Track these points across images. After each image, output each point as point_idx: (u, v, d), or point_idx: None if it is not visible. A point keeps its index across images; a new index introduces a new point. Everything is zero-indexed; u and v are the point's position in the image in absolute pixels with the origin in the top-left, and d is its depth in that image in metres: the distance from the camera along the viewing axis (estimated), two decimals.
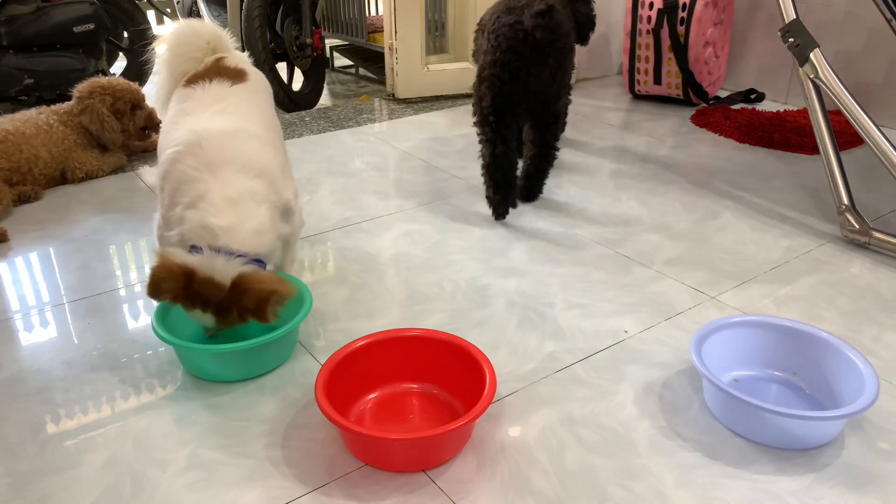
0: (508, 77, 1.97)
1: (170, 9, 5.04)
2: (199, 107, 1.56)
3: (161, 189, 1.48)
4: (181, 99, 1.62)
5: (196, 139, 1.44)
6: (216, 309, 1.35)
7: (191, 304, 1.35)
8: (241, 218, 1.38)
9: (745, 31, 3.44)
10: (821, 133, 2.10)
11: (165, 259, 1.32)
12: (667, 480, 1.20)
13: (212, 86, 1.61)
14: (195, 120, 1.51)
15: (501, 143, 2.03)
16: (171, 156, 1.45)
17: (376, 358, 1.39)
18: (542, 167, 2.22)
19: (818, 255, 1.96)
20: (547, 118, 2.12)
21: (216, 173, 1.41)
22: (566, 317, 1.67)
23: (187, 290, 1.33)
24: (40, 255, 1.99)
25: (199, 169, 1.41)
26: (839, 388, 1.36)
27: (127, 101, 2.55)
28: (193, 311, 1.37)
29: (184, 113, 1.56)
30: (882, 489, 1.19)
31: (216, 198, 1.38)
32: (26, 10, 3.10)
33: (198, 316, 1.37)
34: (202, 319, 1.38)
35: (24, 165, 2.31)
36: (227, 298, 1.34)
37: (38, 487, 1.20)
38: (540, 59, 1.96)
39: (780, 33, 2.18)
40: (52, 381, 1.47)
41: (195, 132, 1.46)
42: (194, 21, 1.75)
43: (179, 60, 1.72)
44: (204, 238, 1.36)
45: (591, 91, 3.60)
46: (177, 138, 1.47)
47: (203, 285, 1.32)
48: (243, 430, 1.32)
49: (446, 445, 1.23)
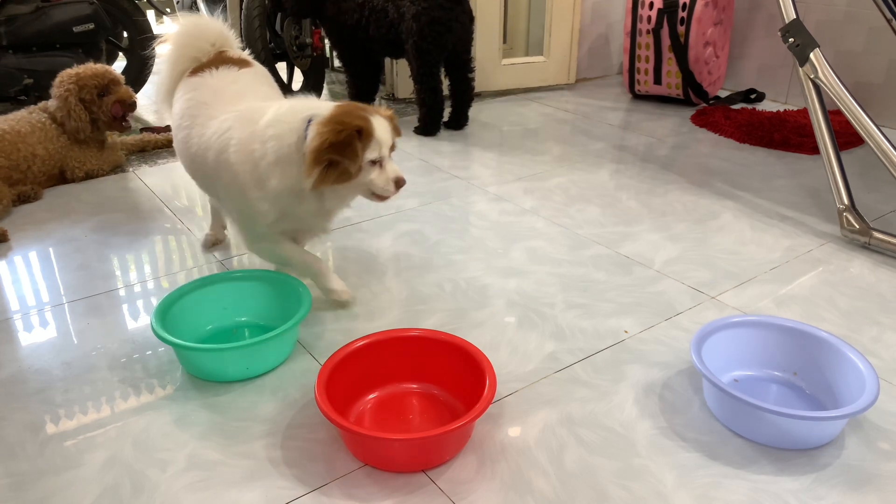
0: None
1: (169, 9, 5.05)
2: (214, 95, 1.61)
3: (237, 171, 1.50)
4: (191, 87, 1.65)
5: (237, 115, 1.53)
6: (371, 111, 1.48)
7: (363, 117, 1.43)
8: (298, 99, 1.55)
9: (745, 31, 3.44)
10: (821, 133, 2.10)
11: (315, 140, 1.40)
12: (667, 480, 1.20)
13: (219, 73, 1.65)
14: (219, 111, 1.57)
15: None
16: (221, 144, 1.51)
17: (376, 358, 1.39)
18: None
19: (818, 255, 1.95)
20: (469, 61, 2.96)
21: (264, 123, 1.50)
22: (566, 317, 1.67)
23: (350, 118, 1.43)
24: (40, 255, 1.99)
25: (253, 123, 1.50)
26: (839, 388, 1.36)
27: (91, 87, 2.47)
28: (374, 120, 1.45)
29: (201, 102, 1.61)
30: (882, 489, 1.19)
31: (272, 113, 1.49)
32: (26, 10, 3.09)
33: (379, 122, 1.46)
34: (384, 124, 1.47)
35: (22, 163, 2.31)
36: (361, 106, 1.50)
37: (38, 487, 1.20)
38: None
39: (780, 33, 2.18)
40: (51, 381, 1.46)
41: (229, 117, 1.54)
42: (200, 17, 1.75)
43: (184, 58, 1.72)
44: (296, 113, 1.47)
45: (591, 91, 3.61)
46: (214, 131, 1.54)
47: (343, 107, 1.46)
48: (243, 430, 1.32)
49: (446, 446, 1.23)
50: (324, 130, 1.40)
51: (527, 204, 2.28)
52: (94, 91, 2.47)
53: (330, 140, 1.38)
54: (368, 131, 1.43)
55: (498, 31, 3.43)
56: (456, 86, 3.01)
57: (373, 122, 1.44)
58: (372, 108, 1.49)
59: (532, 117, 3.19)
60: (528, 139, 2.89)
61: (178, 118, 1.66)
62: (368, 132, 1.43)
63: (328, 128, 1.40)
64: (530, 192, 2.36)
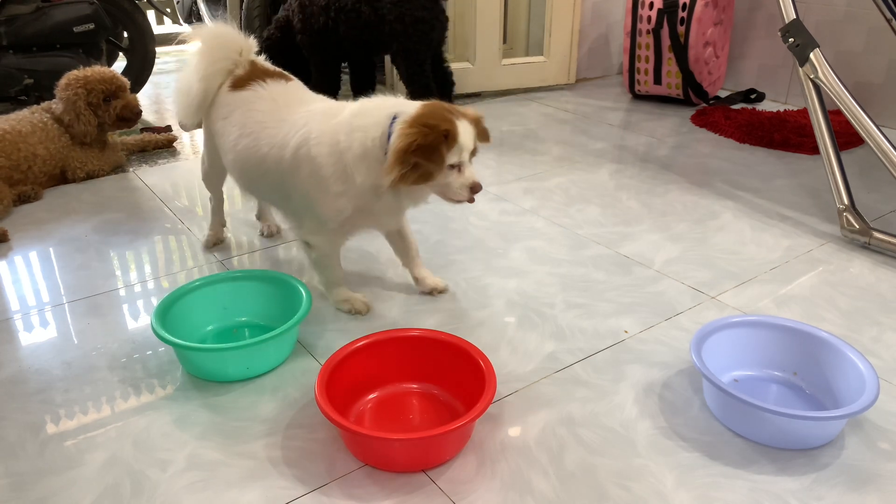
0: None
1: (170, 9, 5.05)
2: (275, 104, 1.61)
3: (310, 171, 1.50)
4: (246, 100, 1.64)
5: (315, 111, 1.55)
6: (457, 113, 1.46)
7: (448, 120, 1.41)
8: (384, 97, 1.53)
9: (745, 31, 3.44)
10: (821, 133, 2.09)
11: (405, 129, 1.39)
12: (667, 480, 1.20)
13: (270, 84, 1.66)
14: (288, 113, 1.58)
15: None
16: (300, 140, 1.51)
17: (376, 358, 1.39)
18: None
19: (818, 255, 1.95)
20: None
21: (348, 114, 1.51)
22: (566, 317, 1.67)
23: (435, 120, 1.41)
24: (40, 255, 1.99)
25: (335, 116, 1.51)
26: (839, 388, 1.36)
27: (99, 92, 2.48)
28: (459, 124, 1.42)
29: (264, 110, 1.61)
30: (882, 489, 1.19)
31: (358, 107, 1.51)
32: (26, 10, 3.09)
33: (464, 127, 1.43)
34: (468, 129, 1.44)
35: (23, 164, 2.31)
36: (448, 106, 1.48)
37: (38, 487, 1.20)
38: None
39: (780, 33, 2.18)
40: (52, 381, 1.47)
41: (308, 114, 1.55)
42: (219, 27, 1.72)
43: (220, 71, 1.70)
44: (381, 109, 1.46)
45: (591, 91, 3.61)
46: (290, 129, 1.54)
47: (428, 107, 1.44)
48: (243, 430, 1.32)
49: (446, 446, 1.23)
50: (411, 132, 1.37)
51: (527, 204, 2.28)
52: (102, 96, 2.48)
53: (418, 142, 1.36)
54: (454, 135, 1.40)
55: (498, 31, 3.43)
56: (438, 80, 3.09)
57: (458, 125, 1.41)
58: (458, 110, 1.46)
59: (532, 117, 3.19)
60: (528, 139, 2.89)
61: (238, 128, 1.63)
62: (454, 136, 1.40)
63: (415, 129, 1.38)
64: (530, 192, 2.36)
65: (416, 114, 1.41)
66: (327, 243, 1.62)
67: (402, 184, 1.41)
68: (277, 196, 1.66)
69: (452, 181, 1.44)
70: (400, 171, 1.38)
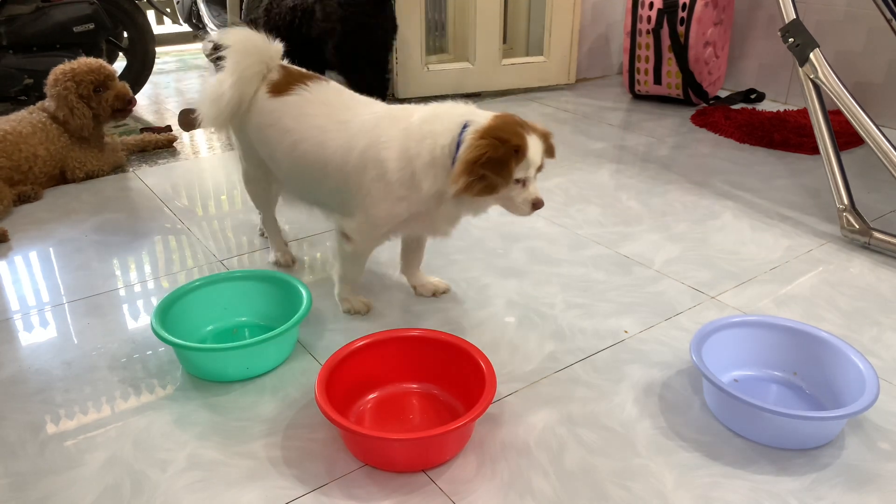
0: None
1: (169, 9, 5.04)
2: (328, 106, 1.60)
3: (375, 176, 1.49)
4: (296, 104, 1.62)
5: (382, 115, 1.54)
6: (529, 128, 1.44)
7: (518, 134, 1.40)
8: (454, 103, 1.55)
9: (745, 31, 3.44)
10: (821, 133, 2.10)
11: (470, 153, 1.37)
12: (667, 480, 1.20)
13: (314, 87, 1.64)
14: (349, 114, 1.57)
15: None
16: (368, 143, 1.49)
17: (376, 358, 1.39)
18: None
19: (818, 255, 1.95)
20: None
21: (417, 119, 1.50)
22: (566, 317, 1.67)
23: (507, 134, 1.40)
24: (40, 255, 1.99)
25: (405, 120, 1.50)
26: (839, 388, 1.36)
27: (88, 83, 2.45)
28: (529, 139, 1.41)
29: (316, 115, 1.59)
30: (882, 489, 1.19)
31: (429, 112, 1.51)
32: (26, 10, 3.09)
33: (534, 142, 1.42)
34: (538, 144, 1.43)
35: (24, 164, 2.31)
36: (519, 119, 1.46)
37: (38, 487, 1.20)
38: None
39: (780, 33, 2.18)
40: (52, 381, 1.47)
41: (374, 116, 1.54)
42: (244, 32, 1.68)
43: (256, 76, 1.67)
44: (452, 116, 1.46)
45: (591, 91, 3.60)
46: (357, 130, 1.53)
47: (500, 119, 1.43)
48: (243, 430, 1.32)
49: (446, 445, 1.23)
50: (482, 143, 1.36)
51: None
52: (91, 87, 2.45)
53: (488, 155, 1.35)
54: (524, 150, 1.39)
55: (498, 31, 3.43)
56: (376, 87, 3.03)
57: (529, 141, 1.40)
58: (528, 124, 1.44)
59: (532, 117, 3.17)
60: None
61: (293, 134, 1.60)
62: (523, 151, 1.39)
63: (486, 141, 1.36)
64: None
65: (488, 125, 1.40)
66: (368, 242, 1.60)
67: (467, 194, 1.40)
68: (337, 200, 1.61)
69: (516, 195, 1.44)
70: (466, 181, 1.37)
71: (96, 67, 2.48)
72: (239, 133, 1.76)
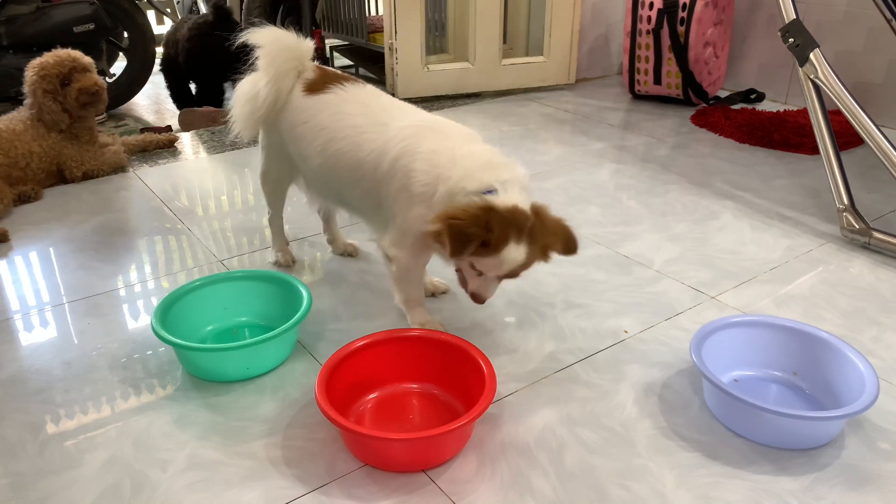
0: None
1: (169, 9, 5.05)
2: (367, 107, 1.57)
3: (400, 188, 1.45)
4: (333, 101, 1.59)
5: (422, 126, 1.49)
6: (529, 236, 1.33)
7: (504, 238, 1.30)
8: (509, 159, 1.44)
9: (745, 31, 3.44)
10: (821, 133, 2.09)
11: (456, 208, 1.31)
12: (667, 480, 1.20)
13: (350, 87, 1.62)
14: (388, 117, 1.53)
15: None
16: (403, 150, 1.45)
17: (376, 358, 1.39)
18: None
19: (818, 255, 1.95)
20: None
21: (466, 139, 1.46)
22: (566, 317, 1.67)
23: (497, 225, 1.30)
24: (40, 255, 1.99)
25: (446, 138, 1.46)
26: (839, 388, 1.36)
27: (53, 77, 2.39)
28: (507, 248, 1.31)
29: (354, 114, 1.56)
30: (882, 489, 1.19)
31: (477, 147, 1.44)
32: (26, 10, 3.10)
33: (510, 255, 1.32)
34: (514, 256, 1.33)
35: (21, 160, 2.32)
36: (535, 225, 1.34)
37: (38, 487, 1.20)
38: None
39: (780, 33, 2.18)
40: (52, 381, 1.47)
41: (411, 125, 1.49)
42: (274, 30, 1.66)
43: (291, 72, 1.65)
44: (488, 175, 1.35)
45: (591, 91, 3.60)
46: (394, 135, 1.47)
47: (512, 214, 1.31)
48: (243, 430, 1.32)
49: (446, 445, 1.23)
50: (467, 226, 1.28)
51: None
52: (56, 80, 2.38)
53: (457, 234, 1.28)
54: (492, 249, 1.31)
55: (498, 31, 3.43)
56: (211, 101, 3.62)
57: (508, 250, 1.31)
58: (539, 231, 1.35)
59: (532, 117, 3.19)
60: (528, 139, 2.89)
61: (328, 132, 1.57)
62: (491, 250, 1.31)
63: (472, 229, 1.28)
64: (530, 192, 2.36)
65: (493, 211, 1.30)
66: (409, 257, 1.52)
67: (433, 238, 1.36)
68: (368, 204, 1.58)
69: (467, 275, 1.42)
70: (435, 230, 1.31)
71: (63, 59, 2.41)
72: (269, 133, 1.74)
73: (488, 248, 1.31)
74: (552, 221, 1.39)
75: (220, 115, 3.20)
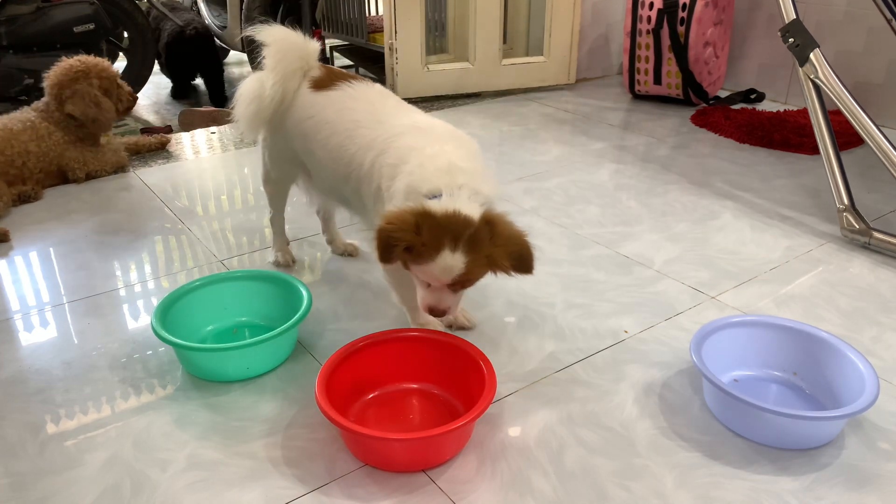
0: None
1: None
2: (372, 104, 1.55)
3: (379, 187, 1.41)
4: (338, 98, 1.58)
5: (414, 126, 1.45)
6: (467, 245, 1.22)
7: (435, 245, 1.21)
8: (477, 165, 1.35)
9: (745, 31, 3.44)
10: (821, 133, 2.09)
11: (392, 213, 1.24)
12: (667, 480, 1.20)
13: (358, 85, 1.60)
14: (388, 116, 1.50)
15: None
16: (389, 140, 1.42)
17: (376, 358, 1.39)
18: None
19: (818, 255, 1.95)
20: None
21: (444, 141, 1.39)
22: (566, 317, 1.67)
23: (427, 231, 1.21)
24: (40, 255, 1.99)
25: (426, 137, 1.40)
26: (839, 388, 1.36)
27: (112, 78, 2.50)
28: (441, 255, 1.21)
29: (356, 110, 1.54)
30: (882, 489, 1.19)
31: (451, 151, 1.35)
32: (26, 10, 3.10)
33: (445, 262, 1.22)
34: (450, 264, 1.22)
35: (17, 159, 2.31)
36: (478, 233, 1.22)
37: (38, 487, 1.20)
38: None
39: (780, 33, 2.18)
40: (52, 381, 1.47)
41: (405, 124, 1.46)
42: (280, 30, 1.65)
43: (298, 72, 1.65)
44: (441, 179, 1.27)
45: (591, 91, 3.60)
46: (385, 132, 1.45)
47: (448, 219, 1.22)
48: (243, 430, 1.32)
49: (446, 445, 1.23)
50: (378, 230, 1.23)
51: (527, 204, 2.28)
52: (115, 83, 2.52)
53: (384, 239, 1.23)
54: (424, 256, 1.23)
55: (498, 31, 3.43)
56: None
57: (441, 255, 1.22)
58: (485, 238, 1.24)
59: (532, 117, 3.19)
60: (528, 139, 2.89)
61: (331, 126, 1.56)
62: (424, 257, 1.23)
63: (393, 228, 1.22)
64: (530, 192, 2.36)
65: (429, 214, 1.22)
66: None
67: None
68: (357, 200, 1.56)
69: (418, 286, 1.34)
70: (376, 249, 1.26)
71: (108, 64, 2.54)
72: (273, 133, 1.72)
73: (420, 255, 1.23)
74: (506, 233, 1.26)
75: (221, 115, 3.20)
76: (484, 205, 1.28)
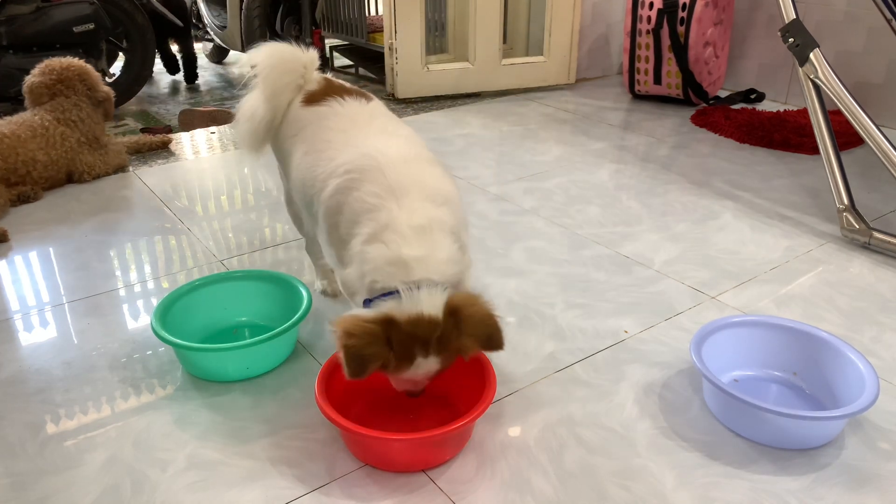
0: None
1: None
2: (353, 124, 1.43)
3: (331, 226, 1.30)
4: (323, 115, 1.47)
5: (375, 164, 1.28)
6: (438, 347, 1.14)
7: (408, 356, 1.13)
8: (433, 248, 1.19)
9: (745, 31, 3.44)
10: (821, 133, 2.09)
11: (352, 322, 1.12)
12: (667, 480, 1.20)
13: (349, 102, 1.48)
14: (361, 140, 1.36)
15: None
16: (343, 184, 1.28)
17: None
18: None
19: (818, 255, 1.95)
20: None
21: (401, 201, 1.23)
22: (566, 317, 1.67)
23: (397, 343, 1.12)
24: (40, 255, 1.99)
25: (381, 196, 1.23)
26: (839, 388, 1.36)
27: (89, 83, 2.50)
28: (414, 364, 1.14)
29: (333, 129, 1.43)
30: (882, 489, 1.19)
31: (403, 227, 1.19)
32: (26, 10, 3.09)
33: (419, 368, 1.16)
34: (424, 370, 1.17)
35: (21, 168, 2.30)
36: (445, 330, 1.14)
37: (38, 487, 1.20)
38: None
39: (780, 33, 2.18)
40: (51, 381, 1.47)
41: (370, 156, 1.29)
42: (276, 46, 1.58)
43: (290, 87, 1.55)
44: (395, 275, 1.16)
45: (591, 91, 3.60)
46: (346, 162, 1.31)
47: (415, 326, 1.12)
48: (243, 430, 1.32)
49: (446, 446, 1.23)
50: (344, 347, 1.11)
51: (527, 204, 2.28)
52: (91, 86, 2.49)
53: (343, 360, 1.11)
54: (397, 368, 1.15)
55: (498, 31, 3.43)
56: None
57: (414, 365, 1.14)
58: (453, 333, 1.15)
59: (532, 117, 3.19)
60: (528, 139, 2.89)
61: (306, 145, 1.44)
62: (397, 369, 1.16)
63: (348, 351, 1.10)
64: (530, 192, 2.36)
65: (395, 324, 1.12)
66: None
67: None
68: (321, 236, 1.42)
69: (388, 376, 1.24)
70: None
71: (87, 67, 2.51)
72: (276, 150, 1.63)
73: (395, 367, 1.15)
74: (473, 318, 1.16)
75: (221, 115, 3.20)
76: (446, 289, 1.16)
